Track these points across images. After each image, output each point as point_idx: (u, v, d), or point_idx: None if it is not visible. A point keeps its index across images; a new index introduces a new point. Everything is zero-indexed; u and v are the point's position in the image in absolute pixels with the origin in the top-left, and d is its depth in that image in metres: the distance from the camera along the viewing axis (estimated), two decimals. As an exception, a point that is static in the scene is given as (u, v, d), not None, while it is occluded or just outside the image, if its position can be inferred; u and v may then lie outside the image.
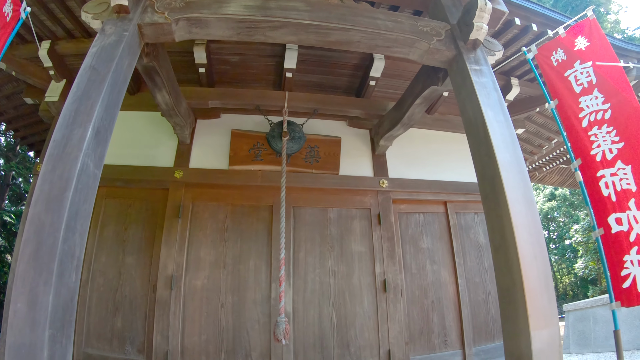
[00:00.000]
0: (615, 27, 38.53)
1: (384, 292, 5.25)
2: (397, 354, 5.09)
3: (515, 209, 2.78)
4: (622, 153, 3.11)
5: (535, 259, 2.71)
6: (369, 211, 5.60)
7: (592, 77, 3.35)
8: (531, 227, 2.79)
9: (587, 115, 3.33)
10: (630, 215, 3.00)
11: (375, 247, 5.42)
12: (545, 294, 2.69)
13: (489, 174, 3.02)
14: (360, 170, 5.79)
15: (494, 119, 3.11)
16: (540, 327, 2.58)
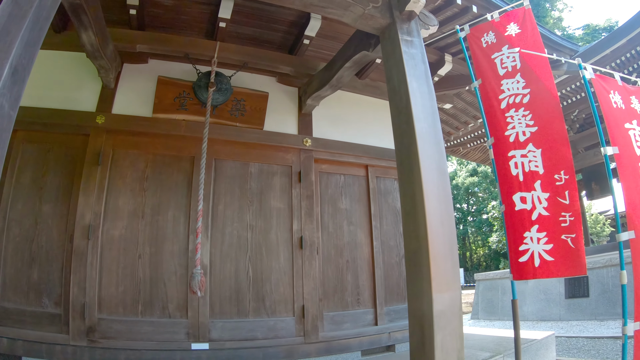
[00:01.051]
0: (557, 24, 39.85)
1: (300, 249, 5.37)
2: (311, 309, 5.26)
3: (427, 177, 2.91)
4: (534, 137, 3.30)
5: (443, 226, 2.87)
6: (290, 168, 5.64)
7: (517, 62, 3.52)
8: (441, 196, 2.95)
9: (506, 97, 3.49)
10: (534, 196, 3.21)
11: (294, 204, 5.50)
12: (449, 259, 2.86)
13: (406, 142, 3.12)
14: (285, 127, 5.79)
15: (418, 90, 3.20)
16: (443, 290, 2.76)
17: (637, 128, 3.24)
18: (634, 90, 3.51)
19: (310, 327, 5.22)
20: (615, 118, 3.16)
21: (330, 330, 5.37)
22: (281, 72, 5.87)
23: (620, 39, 10.21)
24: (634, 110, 3.34)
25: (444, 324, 2.72)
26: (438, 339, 2.69)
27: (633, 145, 3.15)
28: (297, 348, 5.12)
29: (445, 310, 2.75)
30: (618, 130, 3.12)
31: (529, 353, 5.51)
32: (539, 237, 3.19)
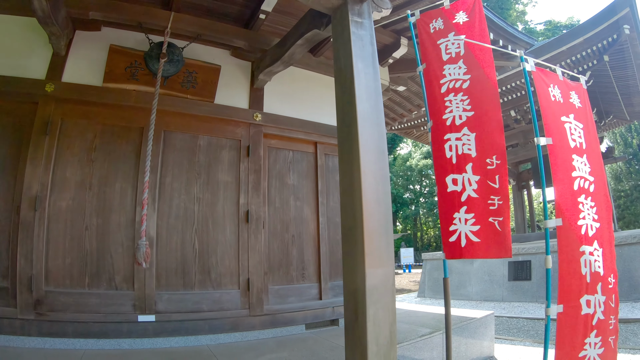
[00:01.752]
0: (520, 17, 40.45)
1: (246, 222, 5.42)
2: (256, 282, 5.33)
3: (366, 156, 2.99)
4: (470, 121, 3.41)
5: (379, 204, 2.96)
6: (239, 142, 5.65)
7: (462, 49, 3.60)
8: (379, 175, 3.03)
9: (447, 82, 3.58)
10: (465, 178, 3.34)
11: (241, 178, 5.52)
12: (383, 237, 2.96)
13: (347, 120, 3.18)
14: (236, 101, 5.76)
15: (363, 71, 3.25)
16: (376, 266, 2.86)
17: (573, 122, 3.40)
18: (575, 86, 3.66)
19: (255, 300, 5.30)
20: (553, 110, 3.29)
21: (275, 304, 5.47)
22: (235, 46, 5.81)
23: (578, 37, 10.56)
24: (572, 104, 3.50)
25: (376, 299, 2.83)
26: (370, 312, 2.79)
27: (568, 138, 3.30)
28: (242, 320, 5.19)
29: (378, 285, 2.85)
30: (554, 122, 3.25)
31: (468, 330, 5.74)
32: (466, 218, 3.32)
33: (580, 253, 3.11)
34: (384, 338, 2.85)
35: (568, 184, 3.17)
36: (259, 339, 5.21)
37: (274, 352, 4.56)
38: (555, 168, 3.15)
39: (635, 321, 7.74)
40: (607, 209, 3.45)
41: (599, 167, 3.50)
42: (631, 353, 5.86)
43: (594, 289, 3.12)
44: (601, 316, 3.12)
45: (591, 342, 3.05)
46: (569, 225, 3.09)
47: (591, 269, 3.12)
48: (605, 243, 3.33)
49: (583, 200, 3.23)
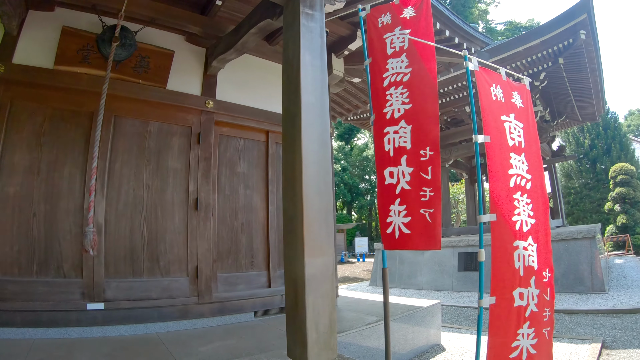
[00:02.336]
0: (481, 16, 41.02)
1: (195, 210, 5.39)
2: (205, 270, 5.32)
3: (308, 147, 3.02)
4: (407, 114, 3.46)
5: (319, 195, 3.00)
6: (190, 129, 5.60)
7: (405, 43, 3.62)
8: (321, 166, 3.07)
9: (389, 75, 3.61)
10: (400, 170, 3.39)
11: (191, 166, 5.48)
12: (324, 227, 3.01)
13: (292, 111, 3.20)
14: (189, 87, 5.70)
15: (310, 63, 3.27)
16: (315, 255, 2.91)
17: (513, 121, 3.46)
18: (518, 87, 3.72)
19: (204, 287, 5.29)
20: (492, 109, 3.34)
21: (224, 291, 5.48)
22: (190, 32, 5.72)
23: (535, 39, 10.81)
24: (513, 104, 3.56)
25: (315, 287, 2.88)
26: (310, 300, 2.84)
27: (506, 136, 3.37)
28: (191, 308, 5.18)
29: (317, 274, 2.90)
30: (493, 120, 3.31)
31: (415, 319, 5.88)
32: (399, 210, 3.38)
33: (514, 247, 3.14)
34: (323, 325, 2.90)
35: (504, 180, 3.22)
36: (208, 326, 5.22)
37: (222, 339, 4.57)
38: (492, 165, 3.19)
39: (580, 312, 8.11)
40: (544, 206, 3.49)
41: (538, 165, 3.55)
42: (574, 342, 5.99)
43: (528, 283, 3.15)
44: (535, 309, 3.18)
45: (524, 333, 3.11)
46: (503, 221, 3.14)
47: (525, 263, 3.17)
48: (540, 239, 3.37)
49: (519, 197, 3.29)
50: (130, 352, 4.00)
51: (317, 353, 2.84)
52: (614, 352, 5.56)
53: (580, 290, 9.86)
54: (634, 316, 7.54)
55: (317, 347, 2.84)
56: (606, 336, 6.37)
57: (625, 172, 20.44)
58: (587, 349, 5.62)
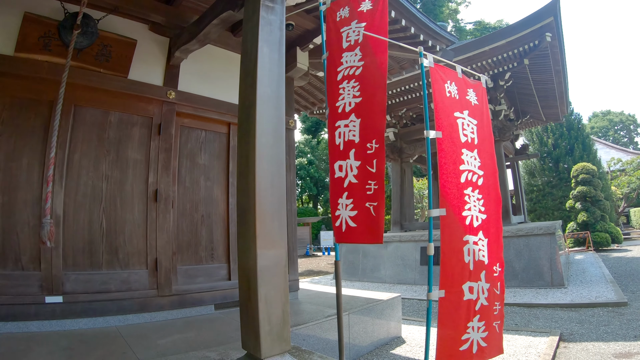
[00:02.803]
0: (452, 15, 41.36)
1: (155, 201, 5.33)
2: (164, 262, 5.28)
3: (262, 140, 3.03)
4: (358, 107, 3.45)
5: (272, 187, 3.01)
6: (151, 120, 5.52)
7: (360, 36, 3.58)
8: (274, 159, 3.08)
9: (343, 69, 3.60)
10: (348, 164, 3.39)
11: (151, 157, 5.41)
12: (276, 219, 3.02)
13: (247, 104, 3.19)
14: (151, 77, 5.61)
15: (268, 56, 3.27)
16: (268, 247, 2.93)
17: (467, 118, 3.48)
18: (474, 85, 3.74)
19: (163, 280, 5.25)
20: (445, 106, 3.35)
21: (183, 284, 5.44)
22: (154, 21, 5.64)
23: (501, 39, 10.94)
24: (468, 101, 3.58)
25: (268, 279, 2.89)
26: (262, 292, 2.85)
27: (459, 132, 3.38)
28: (151, 301, 5.14)
29: (270, 266, 2.92)
30: (446, 116, 3.32)
31: (375, 311, 5.93)
32: (346, 204, 3.37)
33: (463, 242, 3.18)
34: (276, 317, 2.92)
35: (455, 176, 3.25)
36: (168, 319, 5.19)
37: (181, 332, 4.55)
38: (443, 160, 3.22)
39: (539, 306, 8.28)
40: (496, 202, 3.52)
41: (491, 162, 3.58)
42: (532, 335, 6.10)
43: (478, 277, 3.20)
44: (485, 302, 3.21)
45: (474, 326, 3.15)
46: (453, 215, 3.16)
47: (475, 257, 3.20)
48: (491, 234, 3.40)
49: (470, 192, 3.31)
50: (88, 346, 3.95)
51: (270, 345, 2.86)
52: (571, 345, 5.68)
53: (540, 284, 10.06)
54: (592, 310, 7.72)
55: (270, 339, 2.86)
56: (564, 329, 6.50)
57: (587, 172, 20.93)
58: (545, 342, 5.71)
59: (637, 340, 5.63)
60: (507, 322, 7.27)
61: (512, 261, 10.54)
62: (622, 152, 37.81)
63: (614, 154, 35.59)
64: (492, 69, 11.71)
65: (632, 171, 28.56)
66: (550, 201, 25.45)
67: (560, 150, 26.15)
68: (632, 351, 5.20)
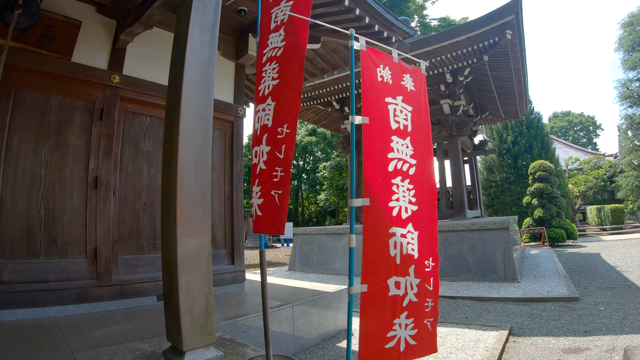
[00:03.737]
0: (418, 11, 41.50)
1: (95, 189, 5.18)
2: (104, 252, 5.14)
3: (187, 124, 2.93)
4: (274, 90, 3.27)
5: (196, 173, 2.92)
6: (94, 105, 5.35)
7: (286, 16, 3.38)
8: (199, 145, 2.98)
9: (268, 51, 3.43)
10: (260, 150, 3.16)
11: (92, 143, 5.25)
12: (199, 206, 2.93)
13: (175, 87, 3.08)
14: (95, 60, 5.44)
15: (199, 38, 3.15)
16: (190, 235, 2.83)
17: (400, 104, 3.32)
18: (411, 70, 3.58)
19: (103, 270, 5.12)
20: (376, 90, 3.20)
21: (125, 274, 5.32)
22: (101, 3, 5.48)
23: (461, 35, 10.99)
24: (403, 87, 3.42)
25: (189, 268, 2.81)
26: (183, 282, 2.77)
27: (389, 119, 3.23)
28: (90, 291, 5.01)
29: (192, 255, 2.82)
30: (375, 102, 3.17)
31: (321, 304, 5.90)
32: (257, 191, 3.20)
33: (389, 234, 3.01)
34: (199, 309, 2.84)
35: (382, 164, 3.09)
36: (109, 310, 5.08)
37: (119, 323, 4.46)
38: (368, 148, 3.05)
39: (491, 300, 8.37)
40: (430, 193, 3.35)
41: (426, 151, 3.42)
42: (482, 329, 6.14)
43: (406, 271, 3.05)
44: (414, 298, 3.07)
45: (401, 323, 3.00)
46: (378, 206, 2.98)
47: (403, 251, 3.04)
48: (424, 227, 3.23)
49: (399, 182, 3.14)
50: (23, 337, 3.84)
51: (193, 337, 2.78)
52: (520, 340, 5.72)
53: (494, 278, 10.20)
54: (543, 305, 7.82)
55: (193, 332, 2.78)
56: (514, 323, 6.57)
57: (544, 169, 21.36)
58: (494, 336, 5.74)
59: (587, 335, 5.69)
60: (458, 315, 7.34)
61: (465, 255, 10.68)
62: (580, 152, 38.74)
63: (572, 153, 36.46)
64: (451, 64, 11.80)
65: (589, 170, 29.27)
66: (508, 197, 25.93)
67: (520, 148, 26.63)
68: (581, 346, 5.24)
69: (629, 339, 5.39)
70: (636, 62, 16.92)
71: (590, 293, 8.65)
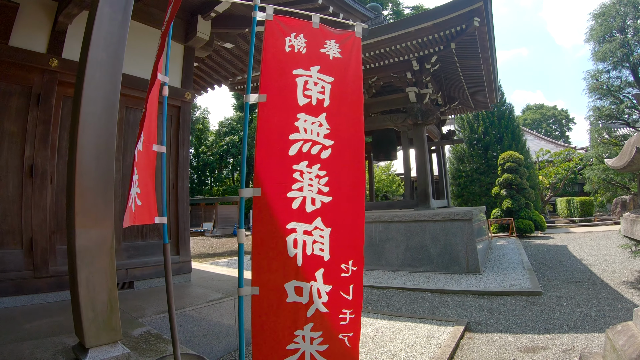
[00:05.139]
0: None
1: (30, 177, 4.98)
2: (41, 242, 4.98)
3: (89, 108, 2.77)
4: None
5: (98, 160, 2.77)
6: (31, 90, 5.13)
7: None
8: (103, 130, 2.82)
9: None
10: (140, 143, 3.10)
11: (28, 129, 5.03)
12: (101, 196, 2.78)
13: (81, 69, 2.93)
14: (33, 44, 5.20)
15: (109, 16, 2.98)
16: (90, 226, 2.69)
17: (315, 75, 2.87)
18: (339, 35, 3.04)
19: (40, 260, 4.95)
20: (280, 63, 2.82)
21: (63, 265, 5.13)
22: (41, -17, 5.23)
23: (427, 21, 10.77)
24: (323, 55, 2.95)
25: (89, 261, 2.67)
26: (82, 275, 2.64)
27: (296, 94, 2.81)
28: (27, 283, 4.85)
29: (92, 247, 2.68)
30: (278, 76, 2.79)
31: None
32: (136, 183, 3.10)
33: (287, 231, 2.62)
34: (101, 303, 2.71)
35: (280, 148, 2.70)
36: (47, 302, 4.93)
37: (52, 316, 4.33)
38: (263, 129, 2.69)
39: (451, 292, 8.26)
40: (354, 181, 2.80)
41: (352, 130, 2.88)
42: (437, 324, 5.98)
43: (311, 276, 2.61)
44: (323, 308, 2.60)
45: (305, 336, 2.57)
46: (272, 197, 2.64)
47: (306, 251, 2.62)
48: (341, 223, 2.73)
49: (304, 168, 2.71)
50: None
51: (96, 333, 2.65)
52: (476, 336, 5.57)
53: (456, 270, 10.18)
54: (504, 298, 7.70)
55: (95, 327, 2.65)
56: (472, 318, 6.42)
57: (513, 160, 21.52)
58: (449, 332, 5.60)
59: (547, 333, 5.55)
60: (415, 309, 7.19)
61: (428, 246, 10.64)
62: (552, 144, 39.13)
63: (544, 145, 36.82)
64: (417, 51, 11.63)
65: (560, 162, 29.58)
66: (478, 187, 26.11)
67: (490, 138, 26.78)
68: (538, 345, 5.12)
69: (590, 338, 5.25)
70: (606, 54, 17.03)
71: (554, 287, 8.57)
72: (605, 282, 8.79)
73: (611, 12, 18.10)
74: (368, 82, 13.18)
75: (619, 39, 17.50)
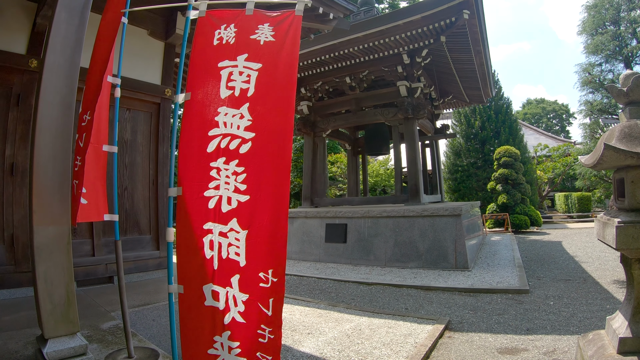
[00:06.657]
0: (389, -7, 41.04)
1: (11, 175, 5.11)
2: (22, 238, 5.10)
3: (46, 111, 2.89)
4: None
5: (54, 159, 2.88)
6: (11, 90, 5.26)
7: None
8: (59, 131, 2.93)
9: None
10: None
11: (9, 129, 5.16)
12: (58, 193, 2.89)
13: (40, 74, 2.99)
14: (13, 45, 5.32)
15: (66, 22, 3.08)
16: (47, 223, 2.81)
17: (241, 64, 2.70)
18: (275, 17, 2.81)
19: (21, 256, 5.09)
20: (207, 57, 2.74)
21: (43, 260, 5.23)
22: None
23: (416, 14, 10.63)
24: (253, 42, 2.75)
25: (47, 256, 2.79)
26: (41, 270, 2.76)
27: (220, 87, 2.68)
28: (8, 277, 4.99)
29: (49, 243, 2.81)
30: (203, 72, 2.71)
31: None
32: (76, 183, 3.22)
33: (204, 231, 2.52)
34: (59, 297, 2.83)
35: (199, 145, 2.60)
36: (28, 296, 5.02)
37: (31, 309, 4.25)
38: (186, 127, 2.63)
39: (436, 289, 8.12)
40: (277, 179, 2.53)
41: (278, 120, 2.59)
42: (417, 322, 5.80)
43: (226, 281, 2.45)
44: (239, 318, 2.42)
45: (223, 344, 2.44)
46: (189, 196, 2.56)
47: (221, 254, 2.49)
48: (260, 225, 2.48)
49: (220, 165, 2.56)
50: None
51: (54, 325, 2.78)
52: (456, 335, 5.44)
53: (444, 266, 10.07)
54: (490, 296, 7.53)
55: (54, 319, 2.78)
56: (455, 316, 6.27)
57: (509, 155, 21.42)
58: (428, 330, 5.44)
59: (529, 334, 5.37)
60: (398, 306, 7.06)
61: (416, 241, 10.60)
62: (551, 139, 38.87)
63: (543, 140, 36.58)
64: (407, 45, 11.52)
65: (558, 157, 29.48)
66: (475, 182, 25.99)
67: (487, 133, 26.63)
68: (519, 346, 4.94)
69: (573, 340, 5.01)
70: (598, 46, 16.94)
71: (543, 285, 8.39)
72: (596, 281, 8.61)
73: (604, 4, 17.93)
74: (359, 76, 13.11)
75: (611, 31, 17.39)
